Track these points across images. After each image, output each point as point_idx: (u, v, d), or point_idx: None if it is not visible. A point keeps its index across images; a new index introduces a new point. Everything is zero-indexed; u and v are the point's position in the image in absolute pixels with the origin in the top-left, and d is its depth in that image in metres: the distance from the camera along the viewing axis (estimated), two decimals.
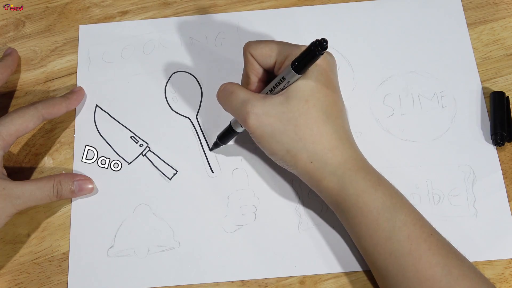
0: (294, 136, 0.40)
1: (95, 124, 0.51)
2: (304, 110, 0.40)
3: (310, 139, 0.40)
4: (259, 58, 0.42)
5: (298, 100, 0.40)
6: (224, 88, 0.43)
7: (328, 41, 0.35)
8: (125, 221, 0.47)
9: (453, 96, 0.51)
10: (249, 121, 0.40)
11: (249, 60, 0.43)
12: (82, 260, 0.46)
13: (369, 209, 0.40)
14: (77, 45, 0.54)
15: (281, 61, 0.42)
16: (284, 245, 0.46)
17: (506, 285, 0.44)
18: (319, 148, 0.40)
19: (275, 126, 0.40)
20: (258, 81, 0.44)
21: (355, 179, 0.40)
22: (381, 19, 0.54)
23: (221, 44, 0.54)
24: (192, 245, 0.46)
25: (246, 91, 0.42)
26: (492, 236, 0.46)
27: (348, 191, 0.40)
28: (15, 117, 0.45)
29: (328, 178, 0.41)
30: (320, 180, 0.41)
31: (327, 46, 0.35)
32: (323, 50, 0.36)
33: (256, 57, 0.43)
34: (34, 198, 0.44)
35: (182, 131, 0.50)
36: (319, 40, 0.35)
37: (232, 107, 0.42)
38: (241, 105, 0.41)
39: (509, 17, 0.54)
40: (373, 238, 0.40)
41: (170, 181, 0.49)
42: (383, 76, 0.52)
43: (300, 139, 0.40)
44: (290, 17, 0.54)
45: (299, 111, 0.40)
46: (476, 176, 0.48)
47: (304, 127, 0.40)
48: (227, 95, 0.43)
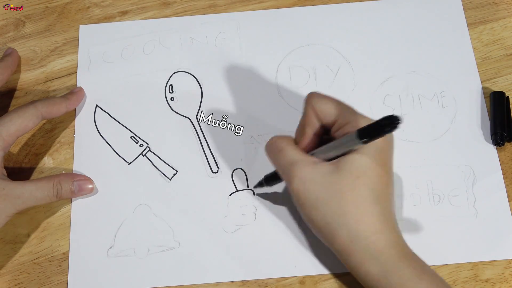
0: (337, 209, 0.38)
1: (95, 124, 0.51)
2: (353, 186, 0.38)
3: (354, 217, 0.38)
4: (320, 113, 0.41)
5: (349, 173, 0.38)
6: (273, 143, 0.42)
7: None
8: (125, 221, 0.47)
9: (453, 96, 0.51)
10: (294, 184, 0.39)
11: (309, 112, 0.41)
12: (82, 260, 0.46)
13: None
14: (77, 45, 0.54)
15: (341, 123, 0.40)
16: (284, 245, 0.46)
17: (506, 285, 0.44)
18: (362, 228, 0.38)
19: (320, 195, 0.38)
20: (313, 135, 0.42)
21: (399, 267, 0.37)
22: (381, 19, 0.54)
23: (221, 44, 0.54)
24: (192, 245, 0.46)
25: (295, 151, 0.40)
26: (492, 236, 0.46)
27: (392, 279, 0.37)
28: (14, 117, 0.45)
29: (369, 262, 0.38)
30: (360, 263, 0.38)
31: (398, 125, 0.33)
32: (393, 128, 0.33)
33: (317, 111, 0.41)
34: (34, 198, 0.44)
35: (182, 131, 0.50)
36: (392, 117, 0.33)
37: (280, 165, 0.41)
38: (289, 166, 0.40)
39: (509, 17, 0.54)
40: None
41: (170, 181, 0.49)
42: (383, 76, 0.52)
43: (343, 214, 0.38)
44: (290, 17, 0.54)
45: (348, 186, 0.38)
46: (476, 176, 0.48)
47: (350, 204, 0.38)
48: (276, 152, 0.41)
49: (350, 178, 0.38)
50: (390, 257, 0.38)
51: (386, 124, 0.33)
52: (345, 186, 0.38)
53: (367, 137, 0.35)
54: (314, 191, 0.38)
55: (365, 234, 0.38)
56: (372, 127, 0.35)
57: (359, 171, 0.38)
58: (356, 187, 0.38)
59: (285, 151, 0.41)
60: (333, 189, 0.38)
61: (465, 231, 0.46)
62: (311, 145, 0.42)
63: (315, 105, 0.41)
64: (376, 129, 0.35)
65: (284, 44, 0.53)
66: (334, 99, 0.41)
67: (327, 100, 0.41)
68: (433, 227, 0.46)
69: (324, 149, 0.40)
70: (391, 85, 0.51)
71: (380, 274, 0.38)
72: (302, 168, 0.39)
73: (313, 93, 0.42)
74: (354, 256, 0.38)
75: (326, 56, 0.53)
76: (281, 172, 0.41)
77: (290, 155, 0.40)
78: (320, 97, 0.41)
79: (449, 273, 0.45)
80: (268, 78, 0.52)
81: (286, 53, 0.53)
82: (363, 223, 0.38)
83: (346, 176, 0.38)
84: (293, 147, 0.41)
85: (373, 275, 0.38)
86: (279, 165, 0.41)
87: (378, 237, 0.38)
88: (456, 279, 0.45)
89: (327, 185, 0.38)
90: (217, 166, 0.49)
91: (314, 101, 0.41)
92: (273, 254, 0.46)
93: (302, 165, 0.39)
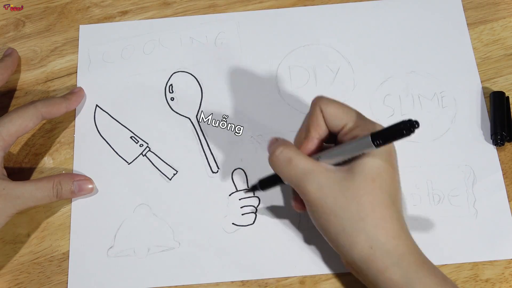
0: (355, 214, 0.37)
1: (95, 124, 0.51)
2: (369, 189, 0.37)
3: (373, 222, 0.37)
4: (328, 117, 0.40)
5: (364, 177, 0.37)
6: (280, 154, 0.39)
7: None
8: (125, 221, 0.47)
9: (453, 96, 0.51)
10: (311, 194, 0.38)
11: (317, 115, 0.40)
12: (82, 260, 0.46)
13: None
14: (77, 45, 0.54)
15: (350, 128, 0.39)
16: (284, 245, 0.46)
17: (506, 285, 0.44)
18: (382, 233, 0.37)
19: (338, 200, 0.37)
20: (318, 139, 0.41)
21: (422, 274, 0.37)
22: (381, 19, 0.54)
23: (221, 44, 0.54)
24: (192, 245, 0.46)
25: (305, 160, 0.39)
26: (492, 236, 0.46)
27: (414, 286, 0.36)
28: (14, 117, 0.45)
29: (391, 269, 0.37)
30: (382, 271, 0.37)
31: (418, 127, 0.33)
32: (412, 133, 0.33)
33: (325, 115, 0.40)
34: (34, 198, 0.44)
35: (182, 131, 0.50)
36: (412, 121, 0.33)
37: (291, 176, 0.39)
38: (302, 176, 0.38)
39: (509, 17, 0.54)
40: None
41: (170, 181, 0.49)
42: (383, 76, 0.52)
43: (361, 219, 0.37)
44: (290, 17, 0.54)
45: (364, 190, 0.37)
46: (476, 176, 0.48)
47: (368, 208, 0.37)
48: (285, 164, 0.39)
49: (366, 182, 0.37)
50: (411, 263, 0.37)
51: (404, 128, 0.33)
52: (361, 190, 0.37)
53: (381, 141, 0.35)
54: (333, 196, 0.37)
55: (385, 239, 0.37)
56: (389, 131, 0.34)
57: (374, 174, 0.37)
58: (372, 190, 0.37)
59: (295, 161, 0.39)
60: (350, 194, 0.37)
61: (465, 231, 0.46)
62: (315, 149, 0.41)
63: (324, 108, 0.40)
64: (392, 133, 0.34)
65: (284, 44, 0.53)
66: (342, 103, 0.40)
67: (336, 105, 0.40)
68: (433, 227, 0.46)
69: (332, 153, 0.39)
70: (391, 85, 0.51)
71: (402, 281, 0.36)
72: (317, 176, 0.38)
73: (322, 97, 0.40)
74: (375, 262, 0.37)
75: (326, 56, 0.53)
76: (293, 183, 0.39)
77: (302, 165, 0.39)
78: (329, 101, 0.40)
79: (449, 273, 0.45)
80: (268, 78, 0.52)
81: (286, 53, 0.53)
82: (381, 228, 0.37)
83: (361, 180, 0.37)
84: (302, 156, 0.39)
85: (396, 282, 0.37)
86: (290, 177, 0.39)
87: (397, 242, 0.37)
88: (456, 279, 0.45)
89: (344, 190, 0.37)
90: (217, 166, 0.49)
91: (323, 104, 0.40)
92: (272, 254, 0.46)
93: (316, 174, 0.38)
